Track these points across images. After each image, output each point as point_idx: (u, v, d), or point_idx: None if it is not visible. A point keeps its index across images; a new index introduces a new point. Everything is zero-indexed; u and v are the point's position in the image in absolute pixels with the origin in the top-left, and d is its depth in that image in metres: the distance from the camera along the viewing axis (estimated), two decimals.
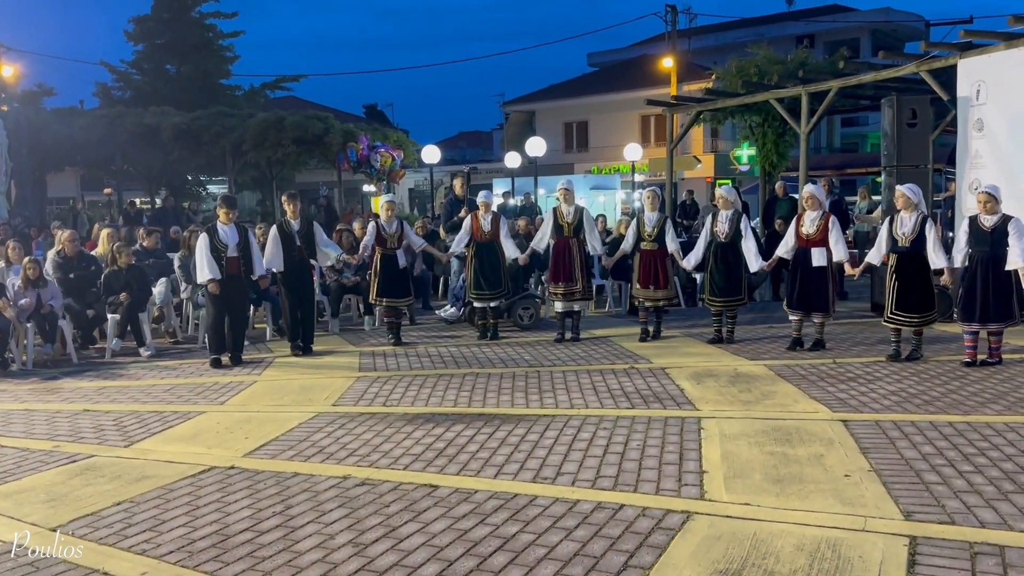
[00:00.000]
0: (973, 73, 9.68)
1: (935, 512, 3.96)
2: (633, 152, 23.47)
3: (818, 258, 8.16)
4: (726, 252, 8.81)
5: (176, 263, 10.48)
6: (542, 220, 10.31)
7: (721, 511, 4.06)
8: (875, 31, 36.92)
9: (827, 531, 3.78)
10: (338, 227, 13.02)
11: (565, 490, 4.45)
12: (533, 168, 21.86)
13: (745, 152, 27.28)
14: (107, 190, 24.79)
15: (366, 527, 4.04)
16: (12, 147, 17.21)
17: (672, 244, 9.11)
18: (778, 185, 14.98)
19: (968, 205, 9.70)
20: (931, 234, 7.44)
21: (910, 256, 7.54)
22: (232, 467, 5.09)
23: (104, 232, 11.19)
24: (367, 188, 29.02)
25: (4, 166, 16.92)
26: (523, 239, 11.14)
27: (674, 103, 17.14)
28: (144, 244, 11.35)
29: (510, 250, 9.54)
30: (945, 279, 7.57)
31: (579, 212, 9.31)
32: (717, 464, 4.77)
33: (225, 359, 8.53)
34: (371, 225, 9.68)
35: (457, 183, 13.10)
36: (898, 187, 7.89)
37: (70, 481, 4.94)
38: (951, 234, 8.95)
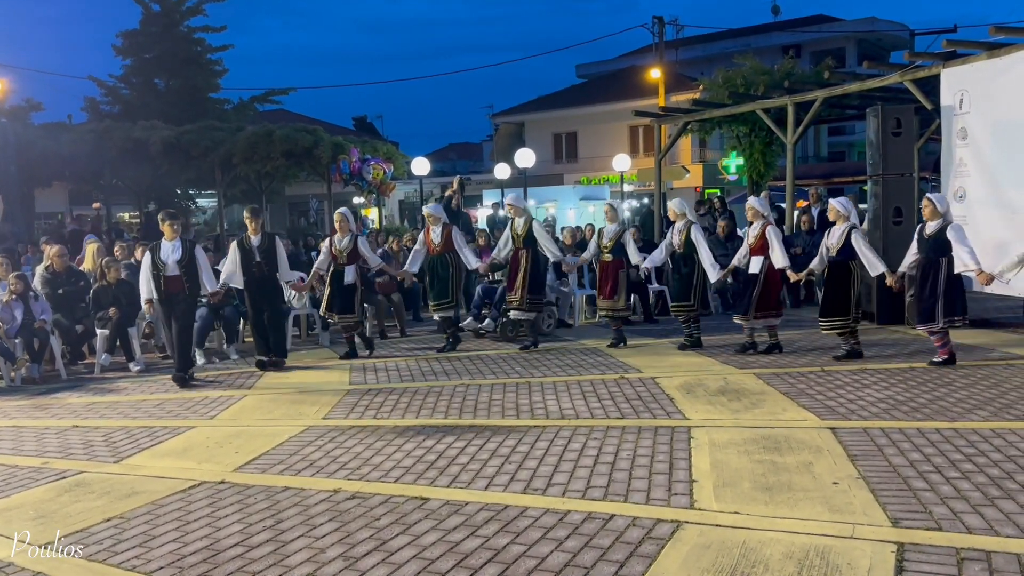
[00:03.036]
0: (956, 82, 9.79)
1: (922, 518, 3.99)
2: (622, 162, 23.57)
3: (755, 266, 8.53)
4: (678, 262, 9.12)
5: None
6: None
7: (711, 520, 4.08)
8: (860, 40, 37.28)
9: (816, 539, 3.80)
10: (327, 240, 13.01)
11: (556, 501, 4.46)
12: (523, 179, 21.93)
13: (733, 162, 27.46)
14: (96, 204, 24.71)
15: (356, 540, 4.04)
16: (0, 163, 17.16)
17: (635, 256, 9.21)
18: (762, 195, 15.08)
19: (953, 212, 9.79)
20: (859, 244, 7.92)
21: (836, 265, 8.07)
22: (222, 482, 5.07)
23: (92, 246, 11.16)
24: (357, 200, 29.00)
25: None
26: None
27: (662, 114, 17.26)
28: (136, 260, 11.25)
29: (470, 260, 9.52)
30: (889, 282, 7.97)
31: (528, 224, 9.35)
32: (707, 473, 4.79)
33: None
34: (325, 242, 9.44)
35: (451, 192, 13.15)
36: (831, 200, 8.42)
37: (59, 498, 4.92)
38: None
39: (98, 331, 9.41)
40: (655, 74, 28.47)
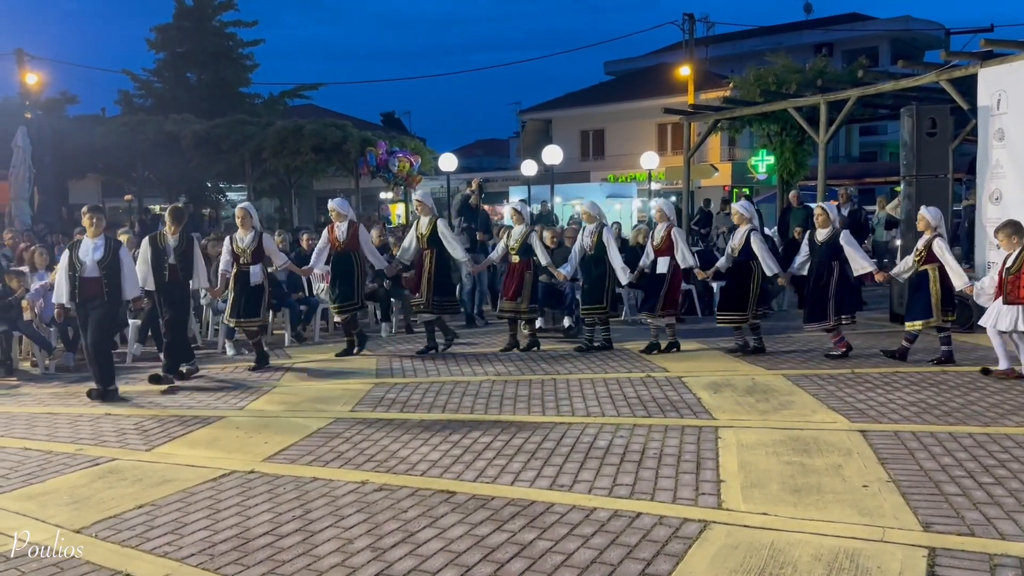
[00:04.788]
0: (994, 82, 9.63)
1: (954, 523, 3.94)
2: (650, 160, 23.47)
3: (661, 266, 8.77)
4: (590, 264, 9.13)
5: None
6: (561, 228, 10.39)
7: (739, 520, 4.06)
8: (894, 40, 36.78)
9: (845, 541, 3.77)
10: None
11: (582, 498, 4.46)
12: (550, 176, 21.90)
13: (762, 161, 27.23)
14: (127, 197, 25.10)
15: (384, 532, 4.07)
16: (35, 154, 17.45)
17: (543, 258, 9.14)
18: (792, 194, 14.98)
19: (988, 215, 9.65)
20: (757, 246, 8.37)
21: (738, 265, 8.53)
22: (252, 471, 5.13)
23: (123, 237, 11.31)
24: (384, 195, 29.13)
25: (28, 173, 17.16)
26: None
27: (691, 111, 17.14)
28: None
29: (376, 261, 9.28)
30: (781, 281, 8.91)
31: (432, 223, 9.03)
32: (734, 473, 4.76)
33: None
34: (226, 240, 8.80)
35: (470, 191, 13.18)
36: (733, 204, 8.98)
37: (93, 484, 5.00)
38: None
39: (130, 321, 9.54)
40: (685, 71, 28.28)
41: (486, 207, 13.79)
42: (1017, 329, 6.87)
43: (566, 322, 10.58)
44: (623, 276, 8.86)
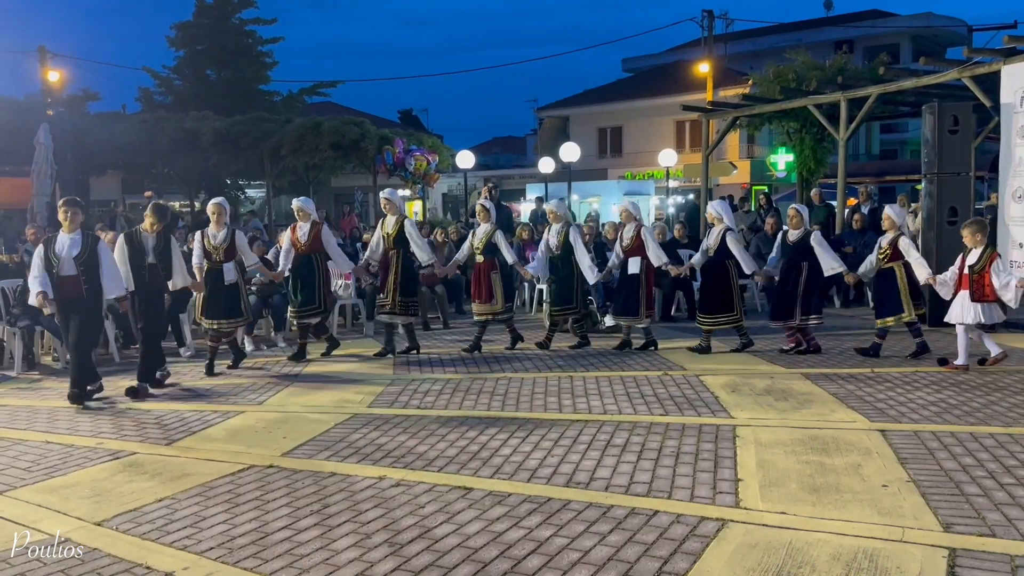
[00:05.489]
0: (1017, 79, 9.52)
1: (975, 524, 3.91)
2: (668, 158, 23.37)
3: (633, 266, 8.75)
4: (556, 264, 9.06)
5: None
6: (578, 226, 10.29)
7: (756, 519, 4.05)
8: (915, 36, 36.43)
9: (864, 541, 3.75)
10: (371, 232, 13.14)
11: (599, 495, 4.46)
12: (567, 174, 21.87)
13: (781, 158, 27.07)
14: (147, 193, 25.25)
15: (402, 527, 4.08)
16: (57, 151, 17.62)
17: (510, 257, 9.07)
18: (813, 192, 14.88)
19: (1011, 213, 9.55)
20: (733, 245, 8.42)
21: (713, 265, 8.57)
22: (271, 466, 5.17)
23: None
24: (402, 193, 29.17)
25: (50, 170, 17.33)
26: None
27: (710, 109, 17.07)
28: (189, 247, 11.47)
29: (341, 264, 9.15)
30: (758, 279, 9.23)
31: (399, 223, 8.85)
32: (753, 472, 4.74)
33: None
34: (197, 235, 8.36)
35: (485, 191, 13.20)
36: (709, 205, 9.03)
37: (113, 477, 5.05)
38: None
39: None
40: (704, 68, 28.09)
41: (505, 204, 13.86)
42: (981, 323, 7.23)
43: (608, 321, 10.48)
44: (590, 275, 8.83)
